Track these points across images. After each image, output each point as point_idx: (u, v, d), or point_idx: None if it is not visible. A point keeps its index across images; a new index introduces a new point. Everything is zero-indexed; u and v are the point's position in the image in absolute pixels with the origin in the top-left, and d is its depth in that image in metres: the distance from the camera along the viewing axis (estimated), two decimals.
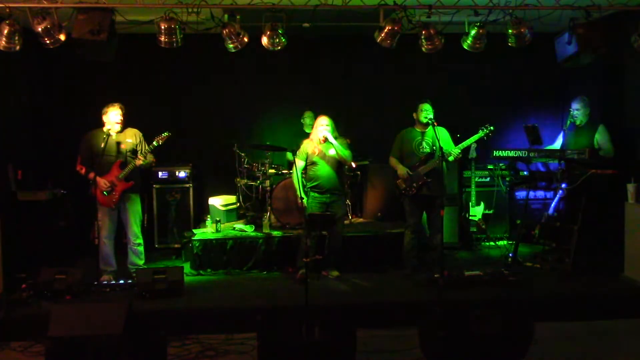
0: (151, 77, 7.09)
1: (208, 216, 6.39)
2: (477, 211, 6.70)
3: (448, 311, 3.78)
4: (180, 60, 6.80)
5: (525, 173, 6.08)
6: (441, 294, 4.66)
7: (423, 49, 5.05)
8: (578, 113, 5.76)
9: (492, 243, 6.77)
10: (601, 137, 5.63)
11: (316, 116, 5.70)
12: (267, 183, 6.34)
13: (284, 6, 4.75)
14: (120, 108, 5.41)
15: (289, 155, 6.62)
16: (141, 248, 5.59)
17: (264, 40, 4.91)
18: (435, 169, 5.35)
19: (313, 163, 5.52)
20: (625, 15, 5.25)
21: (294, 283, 5.37)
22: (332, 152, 5.46)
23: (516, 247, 5.88)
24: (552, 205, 5.91)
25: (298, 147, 5.68)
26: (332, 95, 7.30)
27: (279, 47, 4.93)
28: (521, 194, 6.93)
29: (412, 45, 5.14)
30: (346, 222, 6.54)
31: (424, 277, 5.24)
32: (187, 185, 6.76)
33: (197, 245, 5.88)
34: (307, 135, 5.96)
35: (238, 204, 6.83)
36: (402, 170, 5.50)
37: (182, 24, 4.73)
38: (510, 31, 4.98)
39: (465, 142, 5.47)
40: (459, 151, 5.42)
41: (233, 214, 6.87)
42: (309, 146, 5.53)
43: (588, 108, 5.78)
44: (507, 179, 6.84)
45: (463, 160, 6.39)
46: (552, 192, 6.06)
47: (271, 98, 7.25)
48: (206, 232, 6.16)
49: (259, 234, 6.04)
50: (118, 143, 5.42)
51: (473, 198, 6.69)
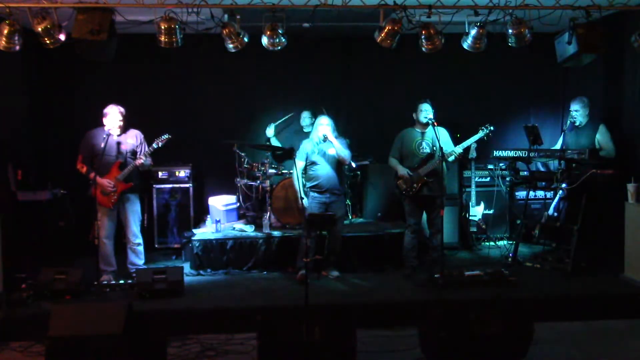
0: (151, 77, 7.08)
1: (208, 216, 6.39)
2: (477, 211, 6.70)
3: (448, 311, 3.78)
4: (180, 60, 6.80)
5: (525, 173, 6.07)
6: (441, 294, 4.67)
7: (423, 49, 5.05)
8: (577, 114, 5.76)
9: (492, 243, 6.77)
10: (602, 137, 5.62)
11: (315, 116, 5.71)
12: (267, 183, 6.35)
13: (284, 6, 4.75)
14: (120, 112, 5.38)
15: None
16: (141, 248, 5.59)
17: (264, 40, 4.91)
18: (435, 169, 5.35)
19: (313, 163, 5.51)
20: (625, 15, 5.26)
21: (294, 283, 5.37)
22: (332, 152, 5.46)
23: (516, 247, 5.88)
24: (552, 205, 5.90)
25: (297, 148, 5.68)
26: (332, 95, 7.30)
27: (279, 47, 4.93)
28: (521, 194, 6.93)
29: (412, 45, 5.14)
30: (346, 222, 6.55)
31: (424, 277, 5.25)
32: (187, 185, 6.76)
33: (197, 245, 5.88)
34: (307, 135, 5.96)
35: (238, 204, 6.83)
36: (403, 171, 5.50)
37: (182, 24, 4.73)
38: (510, 31, 4.99)
39: (465, 142, 5.48)
40: (461, 151, 5.43)
41: (233, 214, 6.87)
42: (309, 146, 5.53)
43: (588, 108, 5.78)
44: (507, 179, 6.84)
45: (463, 160, 6.39)
46: (552, 192, 6.06)
47: (271, 98, 7.25)
48: (206, 232, 6.15)
49: (259, 234, 6.04)
50: (118, 143, 5.41)
51: (473, 198, 6.69)
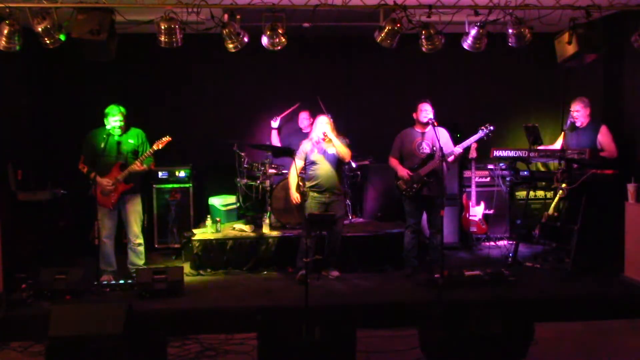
0: (151, 77, 7.09)
1: (208, 216, 6.39)
2: (477, 211, 6.70)
3: (448, 311, 3.78)
4: (180, 60, 6.81)
5: (525, 173, 6.07)
6: (441, 294, 4.67)
7: (423, 49, 5.05)
8: (578, 114, 5.75)
9: (492, 243, 6.77)
10: (604, 138, 5.62)
11: (313, 116, 5.70)
12: (267, 183, 6.35)
13: (284, 6, 4.75)
14: (120, 112, 5.35)
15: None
16: (141, 248, 5.58)
17: (264, 40, 4.91)
18: (435, 170, 5.35)
19: (312, 162, 5.50)
20: (625, 15, 5.25)
21: (294, 283, 5.37)
22: (332, 151, 5.45)
23: (516, 247, 5.88)
24: (552, 205, 5.90)
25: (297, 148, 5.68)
26: (332, 95, 7.29)
27: (279, 47, 4.93)
28: (521, 194, 6.93)
29: (412, 45, 5.14)
30: (346, 222, 6.55)
31: (424, 277, 5.25)
32: (187, 185, 6.76)
33: (197, 245, 5.88)
34: (305, 135, 5.96)
35: (238, 204, 6.83)
36: (403, 172, 5.49)
37: (182, 24, 4.73)
38: (510, 31, 4.99)
39: (465, 142, 5.48)
40: (461, 151, 5.43)
41: (233, 214, 6.87)
42: (308, 146, 5.53)
43: (588, 109, 5.77)
44: (507, 179, 6.84)
45: (463, 160, 6.39)
46: (552, 192, 6.05)
47: (271, 98, 7.25)
48: (206, 232, 6.15)
49: (259, 234, 6.04)
50: (119, 143, 5.39)
51: (473, 198, 6.69)
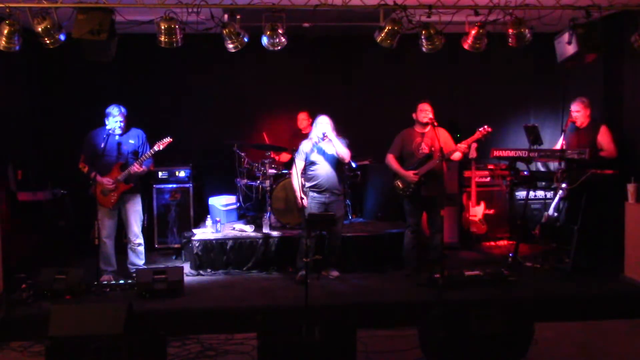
0: (151, 77, 7.09)
1: (208, 216, 6.39)
2: (477, 211, 6.70)
3: (448, 311, 3.78)
4: (180, 60, 6.81)
5: (525, 173, 6.07)
6: (441, 294, 4.67)
7: (423, 49, 5.05)
8: (578, 115, 5.75)
9: (492, 243, 6.77)
10: (603, 139, 5.62)
11: (312, 117, 5.69)
12: (267, 183, 6.35)
13: (284, 6, 4.75)
14: (121, 112, 5.32)
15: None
16: (141, 248, 5.58)
17: (264, 40, 4.91)
18: (434, 169, 5.34)
19: (312, 163, 5.49)
20: (625, 15, 5.25)
21: (294, 283, 5.37)
22: (332, 152, 5.44)
23: (516, 247, 5.87)
24: (552, 205, 5.90)
25: (297, 148, 5.68)
26: (332, 95, 7.30)
27: (279, 47, 4.94)
28: (521, 194, 6.93)
29: (412, 45, 5.14)
30: (346, 222, 6.55)
31: (424, 277, 5.25)
32: (187, 185, 6.76)
33: (197, 245, 5.88)
34: (305, 136, 5.95)
35: (238, 204, 6.83)
36: (409, 173, 5.42)
37: (182, 24, 4.74)
38: (510, 31, 4.98)
39: (463, 143, 5.45)
40: (465, 146, 5.39)
41: (233, 214, 6.87)
42: (308, 146, 5.53)
43: (588, 109, 5.77)
44: (507, 179, 6.83)
45: (463, 160, 6.39)
46: (552, 192, 6.06)
47: (271, 98, 7.26)
48: (206, 232, 6.16)
49: (259, 234, 6.04)
50: (119, 143, 5.38)
51: (473, 198, 6.69)
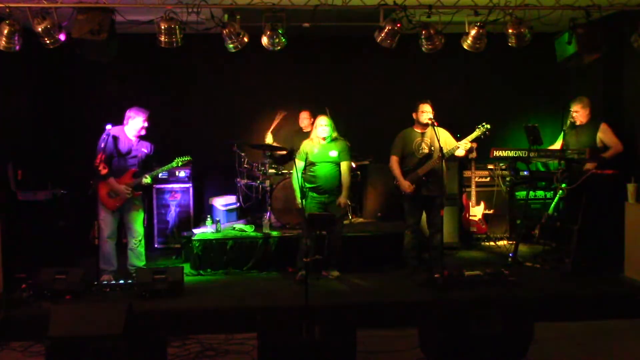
0: (151, 77, 7.09)
1: (208, 216, 6.39)
2: (477, 211, 6.70)
3: (448, 311, 3.78)
4: (180, 60, 6.81)
5: (525, 173, 6.07)
6: (441, 294, 4.66)
7: (423, 49, 5.05)
8: (577, 115, 5.76)
9: (492, 243, 6.77)
10: (605, 135, 5.62)
11: (313, 116, 5.69)
12: (267, 183, 6.35)
13: (284, 6, 4.75)
14: (145, 119, 5.37)
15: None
16: (142, 249, 5.56)
17: (264, 40, 4.91)
18: (434, 169, 5.34)
19: (312, 164, 5.50)
20: (625, 15, 5.25)
21: (294, 283, 5.36)
22: (333, 153, 5.46)
23: (516, 247, 5.88)
24: (552, 205, 5.90)
25: (298, 148, 5.68)
26: (333, 95, 7.30)
27: (279, 47, 4.94)
28: (521, 194, 6.93)
29: (412, 45, 5.14)
30: (346, 222, 6.55)
31: (424, 277, 5.25)
32: (187, 185, 6.77)
33: (197, 245, 5.88)
34: (306, 135, 5.96)
35: (238, 204, 6.83)
36: (404, 183, 5.44)
37: (182, 24, 4.74)
38: (510, 31, 4.98)
39: (464, 140, 5.45)
40: (466, 143, 5.38)
41: (233, 214, 6.87)
42: (308, 146, 5.53)
43: (588, 108, 5.78)
44: (507, 179, 6.84)
45: (463, 160, 6.39)
46: (552, 192, 6.06)
47: (271, 98, 7.26)
48: (206, 232, 6.15)
49: (259, 234, 6.03)
50: (136, 150, 5.42)
51: (473, 198, 6.69)
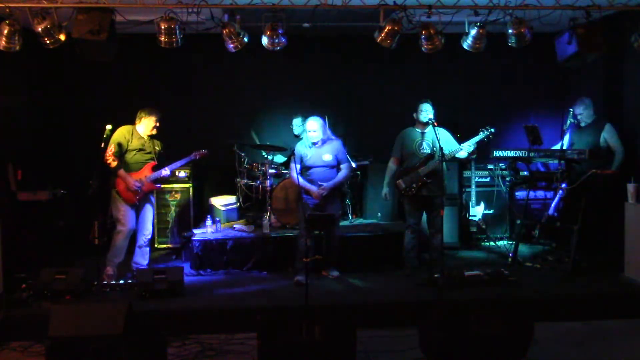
0: (151, 77, 7.09)
1: (208, 216, 6.39)
2: (477, 211, 6.70)
3: (448, 311, 3.78)
4: (180, 60, 6.81)
5: (525, 173, 6.07)
6: (441, 294, 4.67)
7: (423, 49, 5.05)
8: (582, 116, 5.77)
9: (492, 243, 6.77)
10: (609, 136, 5.63)
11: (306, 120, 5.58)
12: (267, 183, 6.35)
13: (284, 6, 4.75)
14: (158, 120, 5.53)
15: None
16: (148, 248, 5.64)
17: (264, 40, 4.91)
18: (435, 170, 5.34)
19: (307, 168, 5.49)
20: (625, 15, 5.25)
21: (294, 285, 5.33)
22: (327, 157, 5.44)
23: (516, 247, 5.88)
24: (552, 205, 5.91)
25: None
26: (332, 95, 7.30)
27: (279, 47, 4.93)
28: (521, 194, 6.93)
29: (412, 45, 5.14)
30: (346, 222, 6.55)
31: (424, 277, 5.25)
32: (187, 185, 6.77)
33: (197, 245, 5.88)
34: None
35: (238, 204, 6.83)
36: (386, 189, 5.63)
37: (182, 24, 4.73)
38: (510, 31, 4.99)
39: (470, 141, 5.45)
40: (470, 146, 5.38)
41: (233, 214, 6.87)
42: (302, 149, 5.48)
43: (591, 108, 5.79)
44: (507, 179, 6.84)
45: (463, 160, 6.39)
46: (552, 192, 6.06)
47: (271, 98, 7.26)
48: (206, 232, 6.15)
49: (259, 234, 6.03)
50: (150, 146, 5.58)
51: (473, 198, 6.69)
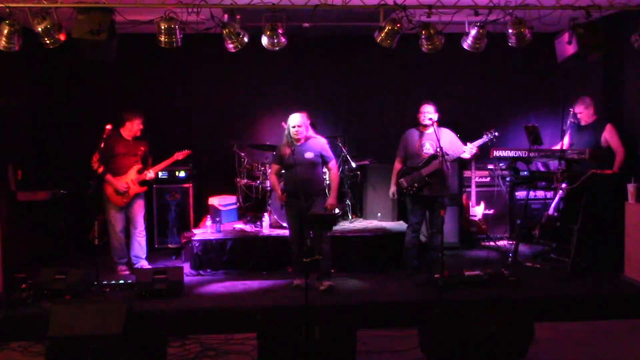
0: (151, 77, 7.09)
1: (208, 216, 6.40)
2: (477, 211, 6.70)
3: (448, 311, 3.78)
4: (180, 60, 6.81)
5: (525, 173, 6.07)
6: (441, 294, 4.67)
7: (423, 49, 5.05)
8: (582, 115, 5.77)
9: (492, 243, 6.77)
10: (610, 136, 5.63)
11: (310, 118, 5.49)
12: (267, 183, 6.34)
13: (284, 6, 4.75)
14: (141, 122, 5.69)
15: None
16: (144, 241, 5.79)
17: (264, 40, 4.91)
18: (437, 170, 5.34)
19: (287, 167, 5.19)
20: (625, 15, 5.25)
21: (293, 288, 5.26)
22: (308, 155, 5.12)
23: (516, 247, 5.88)
24: (552, 205, 5.90)
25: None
26: (332, 95, 7.30)
27: (279, 47, 4.93)
28: (521, 194, 6.93)
29: (412, 45, 5.14)
30: (346, 222, 6.55)
31: (424, 277, 5.25)
32: (187, 185, 6.77)
33: (197, 245, 5.88)
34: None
35: (238, 204, 6.83)
36: (393, 188, 5.60)
37: (182, 24, 4.73)
38: (510, 31, 4.98)
39: (476, 143, 5.44)
40: (475, 150, 5.38)
41: (233, 214, 6.87)
42: (282, 149, 5.26)
43: (591, 108, 5.79)
44: (507, 179, 6.84)
45: (463, 160, 6.39)
46: (552, 192, 6.06)
47: (271, 98, 7.26)
48: (206, 232, 6.16)
49: (259, 234, 6.03)
50: (136, 148, 5.69)
51: (473, 198, 6.69)
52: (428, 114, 5.40)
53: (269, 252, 5.89)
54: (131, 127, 5.64)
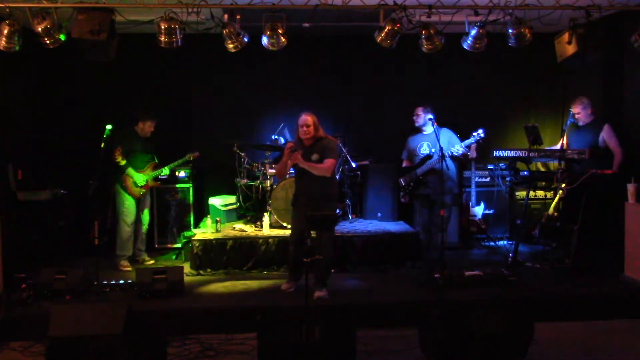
0: (151, 77, 7.08)
1: (208, 216, 6.40)
2: (477, 211, 6.70)
3: (448, 311, 3.78)
4: (180, 60, 6.81)
5: (525, 173, 6.07)
6: (441, 294, 4.67)
7: (423, 49, 5.05)
8: (580, 115, 5.77)
9: (492, 243, 6.77)
10: (608, 137, 5.63)
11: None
12: (267, 183, 6.35)
13: (284, 6, 4.75)
14: (154, 125, 6.05)
15: None
16: (145, 236, 6.16)
17: (264, 40, 4.91)
18: (434, 169, 5.36)
19: (296, 168, 5.07)
20: (625, 15, 5.26)
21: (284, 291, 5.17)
22: (315, 158, 4.96)
23: (516, 247, 5.88)
24: (552, 205, 5.90)
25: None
26: (332, 95, 7.30)
27: (279, 47, 4.93)
28: (521, 194, 6.93)
29: (412, 45, 5.14)
30: (346, 222, 6.56)
31: (424, 277, 5.25)
32: (187, 185, 6.77)
33: (197, 245, 5.88)
34: None
35: (238, 204, 6.83)
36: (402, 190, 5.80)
37: (182, 24, 4.74)
38: (510, 31, 4.99)
39: (458, 145, 5.45)
40: (462, 149, 5.39)
41: (233, 214, 6.87)
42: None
43: (589, 108, 5.78)
44: (507, 179, 6.84)
45: (463, 160, 6.39)
46: (552, 192, 6.06)
47: (271, 98, 7.26)
48: (206, 232, 6.16)
49: (259, 234, 6.04)
50: (150, 146, 6.10)
51: (473, 198, 6.69)
52: (419, 118, 5.61)
53: (269, 252, 5.89)
54: (142, 127, 5.97)
